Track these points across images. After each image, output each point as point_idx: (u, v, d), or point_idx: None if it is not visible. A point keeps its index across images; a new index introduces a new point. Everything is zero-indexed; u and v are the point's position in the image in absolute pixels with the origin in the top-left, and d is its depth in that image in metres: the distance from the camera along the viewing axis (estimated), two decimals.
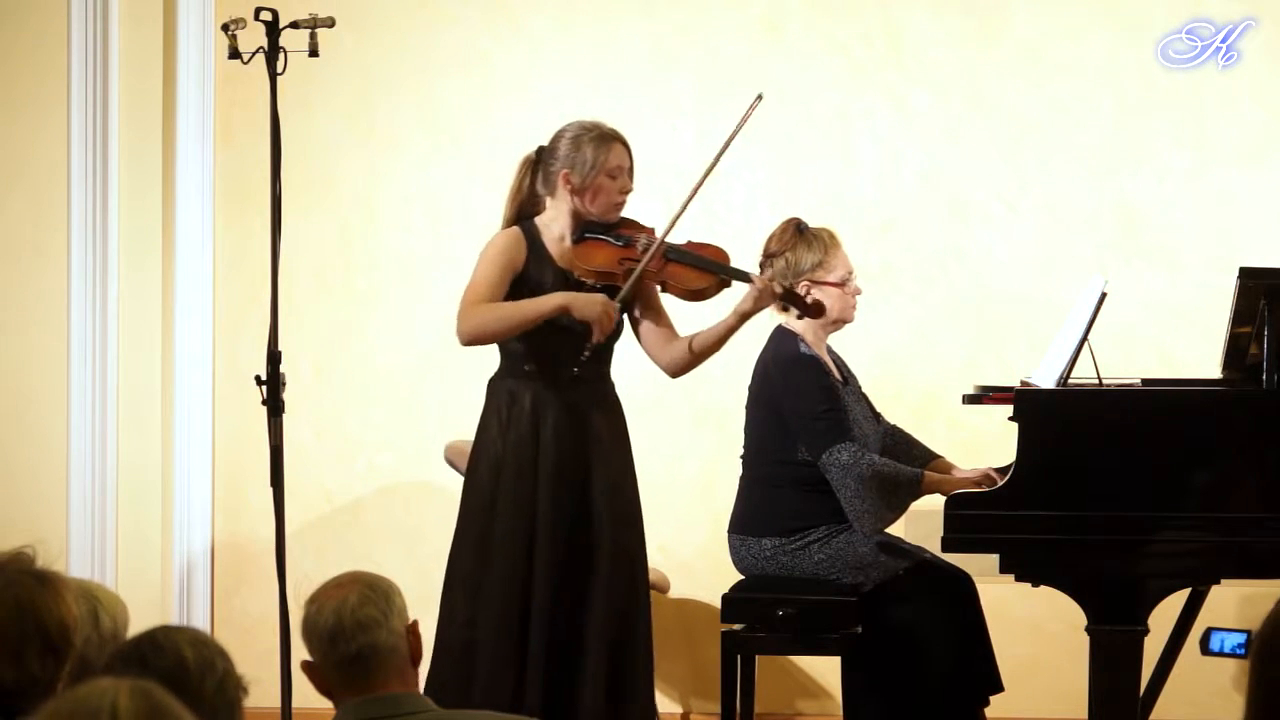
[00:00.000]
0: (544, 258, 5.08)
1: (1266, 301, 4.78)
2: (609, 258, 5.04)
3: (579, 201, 5.07)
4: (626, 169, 5.10)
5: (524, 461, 5.02)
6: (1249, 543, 4.74)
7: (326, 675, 3.24)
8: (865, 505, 5.25)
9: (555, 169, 5.08)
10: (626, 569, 5.09)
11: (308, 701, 3.85)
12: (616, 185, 5.07)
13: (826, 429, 5.31)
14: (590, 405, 5.07)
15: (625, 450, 5.16)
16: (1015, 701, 5.71)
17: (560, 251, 5.08)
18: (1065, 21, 6.50)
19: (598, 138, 5.08)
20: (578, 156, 5.06)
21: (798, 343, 5.45)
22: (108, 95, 6.69)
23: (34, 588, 2.80)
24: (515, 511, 5.02)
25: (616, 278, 5.04)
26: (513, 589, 5.00)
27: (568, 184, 5.06)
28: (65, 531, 6.67)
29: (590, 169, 5.05)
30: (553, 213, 5.12)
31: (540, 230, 5.11)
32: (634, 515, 5.13)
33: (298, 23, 5.29)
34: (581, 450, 5.05)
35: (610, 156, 5.06)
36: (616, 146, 5.09)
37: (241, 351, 6.71)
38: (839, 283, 5.47)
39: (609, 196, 5.07)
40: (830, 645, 5.38)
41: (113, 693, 2.21)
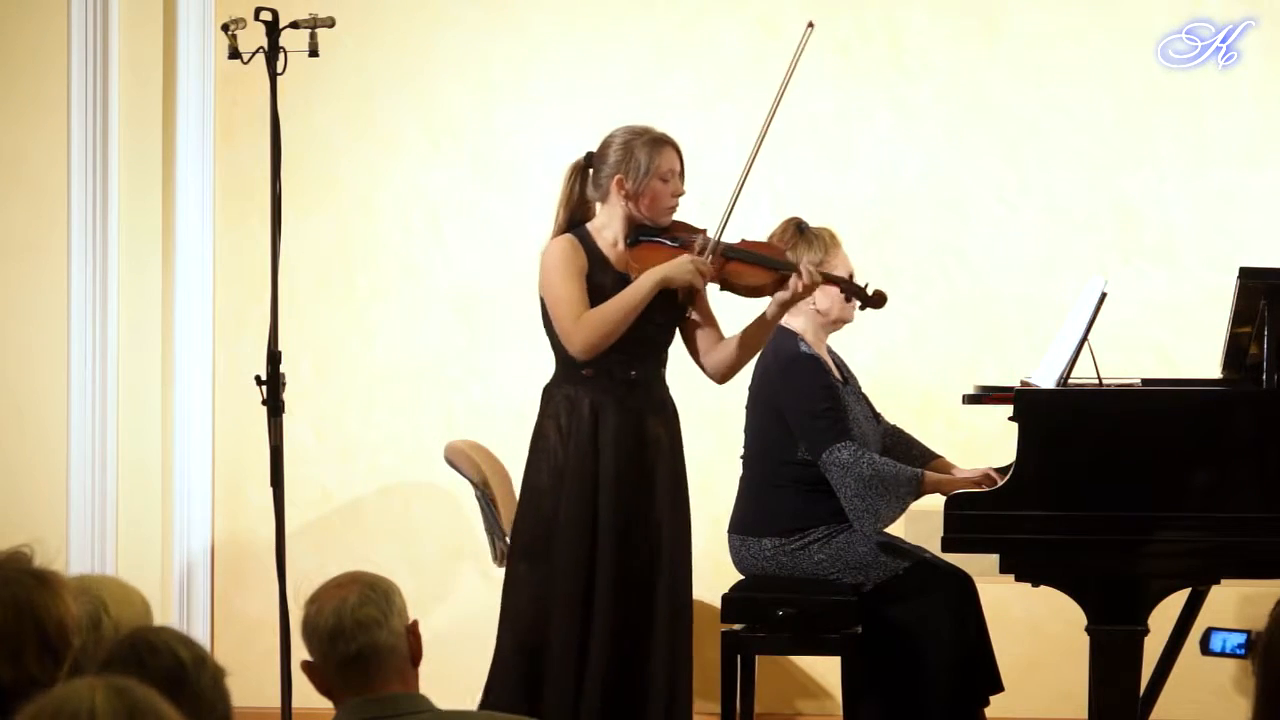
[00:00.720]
0: (602, 262, 5.04)
1: (1266, 301, 4.78)
2: (663, 258, 5.02)
3: (633, 206, 5.03)
4: (678, 172, 5.07)
5: (586, 467, 4.99)
6: (1249, 543, 4.74)
7: (326, 675, 3.24)
8: (865, 504, 5.25)
9: (607, 174, 5.04)
10: (683, 574, 5.09)
11: (308, 701, 3.85)
12: (669, 188, 5.04)
13: (826, 428, 5.31)
14: (647, 408, 5.04)
15: (681, 454, 5.14)
16: (1015, 701, 5.71)
17: (616, 256, 5.05)
18: (1065, 22, 6.50)
19: (650, 142, 5.05)
20: (631, 161, 5.02)
21: (798, 342, 5.45)
22: (108, 95, 6.69)
23: (32, 587, 2.80)
24: (579, 518, 4.98)
25: None
26: (576, 597, 4.97)
27: (621, 189, 5.02)
28: (65, 531, 6.67)
29: (644, 173, 5.02)
30: (605, 218, 5.08)
31: (594, 235, 5.07)
32: (688, 521, 5.14)
33: (298, 23, 5.29)
34: (641, 454, 5.02)
35: (663, 160, 5.04)
36: (668, 150, 5.06)
37: (241, 351, 6.71)
38: None
39: (663, 200, 5.05)
40: (830, 645, 5.38)
41: (90, 693, 2.21)
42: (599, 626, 4.94)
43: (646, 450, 5.02)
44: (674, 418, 5.14)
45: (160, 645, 2.63)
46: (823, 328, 5.50)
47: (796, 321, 5.48)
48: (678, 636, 5.07)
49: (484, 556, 6.22)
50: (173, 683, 2.56)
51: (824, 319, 5.49)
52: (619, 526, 4.98)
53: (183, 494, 6.77)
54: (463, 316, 6.72)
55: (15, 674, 2.75)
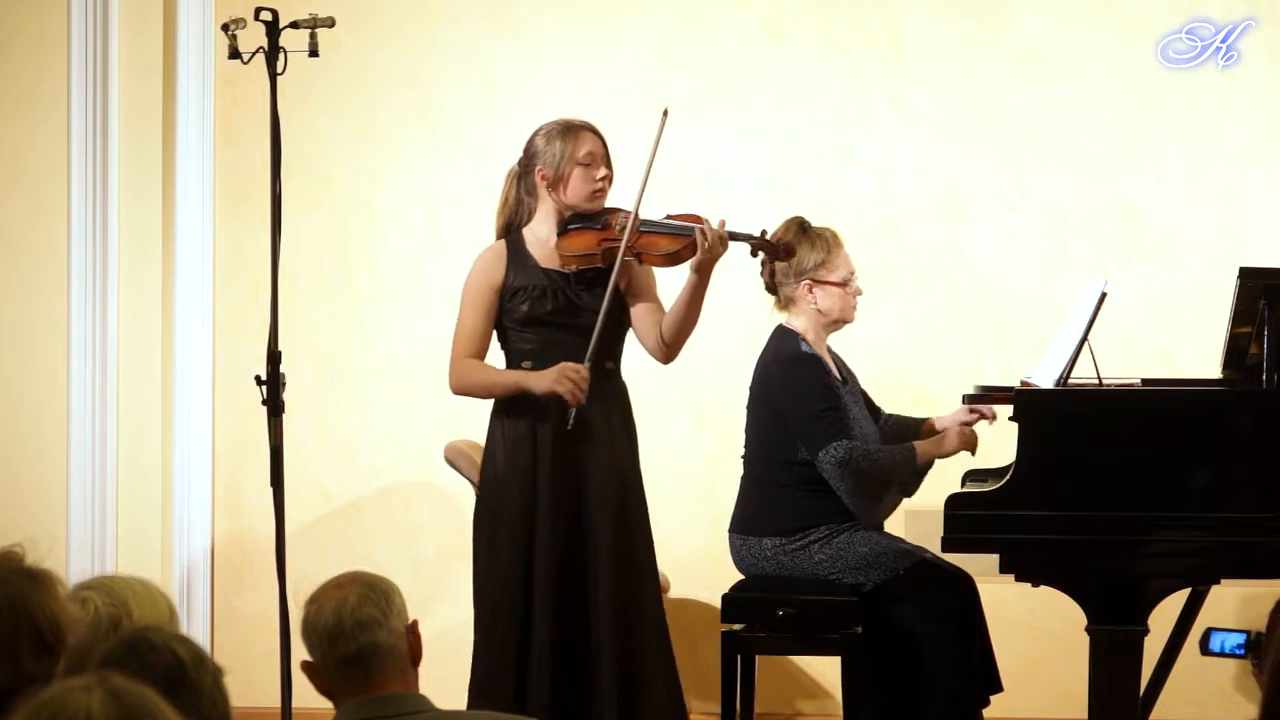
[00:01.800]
0: (527, 264, 5.13)
1: (1266, 301, 4.78)
2: (588, 241, 5.09)
3: (555, 195, 5.12)
4: (600, 155, 5.14)
5: (524, 461, 5.04)
6: (1249, 543, 4.74)
7: (326, 675, 3.24)
8: (865, 497, 5.26)
9: (533, 169, 5.13)
10: (629, 566, 5.08)
11: (308, 701, 3.85)
12: (590, 172, 5.10)
13: (824, 428, 5.31)
14: (590, 400, 5.07)
15: (626, 444, 5.16)
16: (1015, 701, 5.71)
17: (546, 253, 5.12)
18: (1065, 22, 6.50)
19: (564, 128, 5.14)
20: (548, 150, 5.13)
21: (799, 341, 5.45)
22: (108, 95, 6.69)
23: (25, 586, 2.80)
24: (519, 513, 5.04)
25: (597, 259, 5.07)
26: (514, 591, 5.01)
27: (544, 179, 5.11)
28: (65, 531, 6.67)
29: (561, 159, 5.11)
30: (540, 216, 5.18)
31: (525, 237, 5.17)
32: (635, 510, 5.13)
33: (298, 23, 5.29)
34: (578, 448, 5.05)
35: (579, 144, 5.12)
36: (585, 134, 5.14)
37: (241, 351, 6.71)
38: (841, 282, 5.47)
39: (584, 184, 5.11)
40: (830, 645, 5.38)
41: (86, 694, 2.20)
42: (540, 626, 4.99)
43: (585, 445, 5.05)
44: (622, 408, 5.17)
45: (159, 644, 2.63)
46: (824, 328, 5.50)
47: (798, 322, 5.48)
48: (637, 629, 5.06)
49: None
50: (172, 682, 2.56)
51: (825, 319, 5.48)
52: (554, 521, 5.03)
53: (183, 494, 6.77)
54: None
55: (11, 672, 2.75)
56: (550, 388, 4.99)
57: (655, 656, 5.12)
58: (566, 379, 4.96)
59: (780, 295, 5.51)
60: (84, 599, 3.10)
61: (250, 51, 5.27)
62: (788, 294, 5.48)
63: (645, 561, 5.14)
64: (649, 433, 6.59)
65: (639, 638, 5.08)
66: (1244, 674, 6.21)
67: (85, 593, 3.11)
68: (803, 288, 5.44)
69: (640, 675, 5.07)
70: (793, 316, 5.49)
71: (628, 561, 5.08)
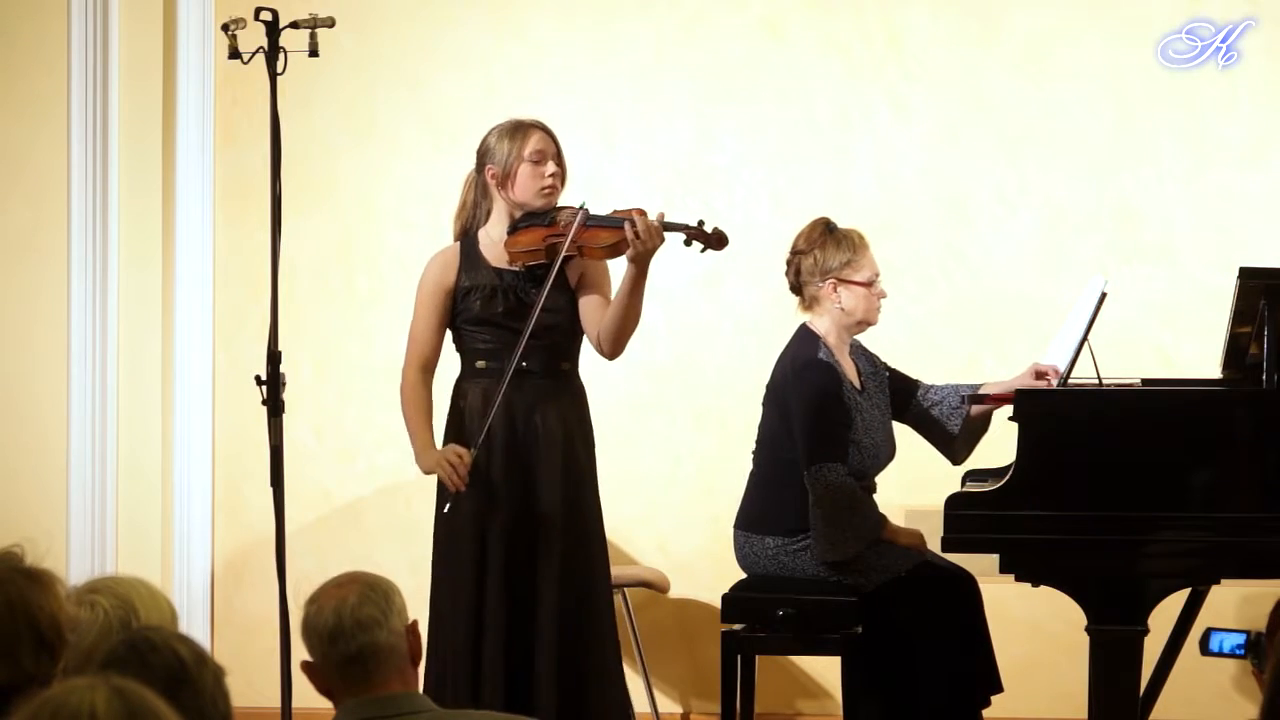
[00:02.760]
0: (477, 264, 5.17)
1: (1266, 301, 4.78)
2: (534, 238, 5.11)
3: (504, 193, 5.15)
4: (550, 154, 5.16)
5: (477, 461, 5.04)
6: (1249, 543, 4.74)
7: (326, 675, 3.24)
8: (830, 530, 5.27)
9: (484, 169, 5.16)
10: (579, 566, 5.07)
11: (308, 701, 3.85)
12: (539, 169, 5.12)
13: (823, 444, 5.31)
14: (539, 399, 5.08)
15: (581, 444, 5.14)
16: (1015, 701, 5.71)
17: (497, 253, 5.15)
18: (1065, 22, 6.50)
19: (512, 128, 5.18)
20: (497, 149, 5.16)
21: (818, 346, 5.44)
22: (108, 95, 6.69)
23: (24, 585, 2.81)
24: (470, 513, 5.05)
25: (541, 254, 5.08)
26: (467, 593, 5.03)
27: (494, 178, 5.15)
28: (65, 531, 6.67)
29: (508, 157, 5.14)
30: (494, 217, 5.22)
31: (479, 238, 5.20)
32: (584, 509, 5.11)
33: (298, 23, 5.28)
34: (525, 448, 5.06)
35: (527, 143, 5.14)
36: (533, 133, 5.16)
37: (241, 351, 6.70)
38: (866, 283, 5.48)
39: (532, 181, 5.13)
40: (830, 645, 5.38)
41: (90, 693, 2.21)
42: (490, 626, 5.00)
43: (533, 445, 5.05)
44: (576, 408, 5.16)
45: (160, 643, 2.63)
46: (846, 329, 5.51)
47: (821, 322, 5.48)
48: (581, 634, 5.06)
49: None
50: (173, 681, 2.56)
51: (849, 319, 5.49)
52: (503, 521, 5.04)
53: (183, 494, 6.77)
54: None
55: (11, 672, 2.75)
56: (430, 469, 5.07)
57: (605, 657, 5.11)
58: (447, 463, 5.00)
59: (805, 295, 5.52)
60: (91, 603, 3.10)
61: (250, 51, 5.26)
62: (812, 293, 5.49)
63: (597, 565, 5.13)
64: (649, 434, 6.61)
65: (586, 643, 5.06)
66: (1244, 674, 6.21)
67: (91, 596, 3.11)
68: (827, 287, 5.46)
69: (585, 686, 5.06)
70: (816, 317, 5.50)
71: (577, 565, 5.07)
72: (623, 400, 6.49)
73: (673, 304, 6.57)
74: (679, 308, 6.60)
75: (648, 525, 6.61)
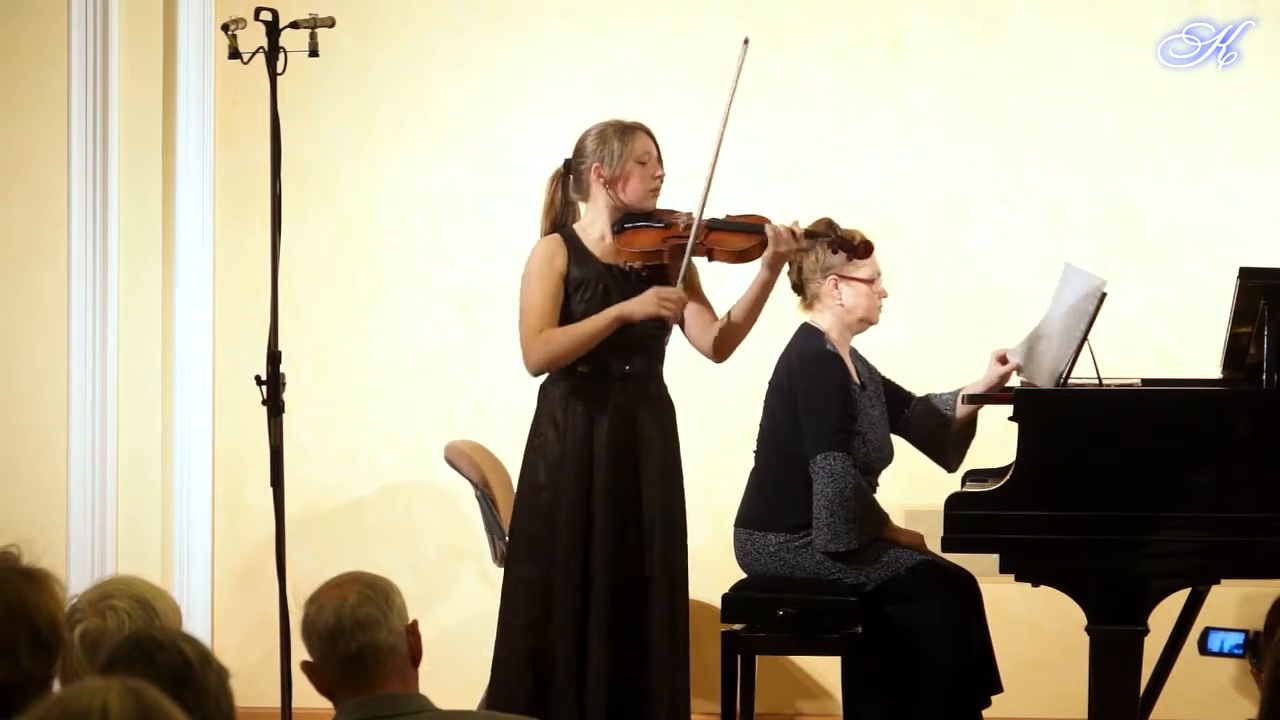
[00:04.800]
0: (586, 257, 5.11)
1: (1266, 301, 4.78)
2: (652, 239, 5.08)
3: (613, 193, 5.11)
4: (655, 155, 5.16)
5: (582, 464, 5.02)
6: (1249, 543, 4.74)
7: (326, 675, 3.24)
8: (832, 520, 5.27)
9: (586, 167, 5.12)
10: (672, 572, 5.09)
11: (308, 701, 3.85)
12: (647, 171, 5.11)
13: (830, 432, 5.32)
14: (641, 404, 5.08)
15: (675, 451, 5.17)
16: (1015, 701, 5.71)
17: (603, 249, 5.11)
18: (1065, 22, 6.50)
19: (621, 128, 5.14)
20: (605, 149, 5.11)
21: (824, 340, 5.46)
22: (108, 95, 6.69)
23: (22, 585, 2.81)
24: (576, 514, 5.01)
25: (663, 255, 5.07)
26: (574, 592, 5.00)
27: (600, 177, 5.10)
28: (65, 531, 6.67)
29: (619, 158, 5.10)
30: (590, 215, 5.16)
31: (579, 233, 5.15)
32: (679, 518, 5.14)
33: (298, 23, 5.29)
34: (633, 452, 5.05)
35: (636, 144, 5.12)
36: (641, 134, 5.15)
37: (241, 351, 6.70)
38: (867, 280, 5.50)
39: (642, 183, 5.12)
40: (830, 645, 5.39)
41: (103, 693, 2.21)
42: (595, 627, 4.96)
43: (639, 450, 5.06)
44: (669, 413, 5.17)
45: (166, 642, 2.64)
46: (848, 327, 5.52)
47: (823, 319, 5.50)
48: (677, 638, 5.08)
49: (484, 556, 6.22)
50: (178, 680, 2.57)
51: (850, 317, 5.50)
52: (613, 525, 5.01)
53: (183, 494, 6.77)
54: (463, 316, 6.72)
55: (10, 671, 2.76)
56: (652, 310, 4.97)
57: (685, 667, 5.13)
58: (666, 299, 4.97)
59: (806, 293, 5.54)
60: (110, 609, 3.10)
61: (250, 51, 5.27)
62: (814, 291, 5.51)
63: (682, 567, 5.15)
64: None
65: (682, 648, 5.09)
66: (1243, 674, 6.21)
67: (108, 603, 3.11)
68: (829, 284, 5.47)
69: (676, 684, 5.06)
70: (817, 314, 5.52)
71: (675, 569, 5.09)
72: None
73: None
74: None
75: None
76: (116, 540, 6.70)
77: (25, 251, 6.74)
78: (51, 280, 6.72)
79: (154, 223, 6.70)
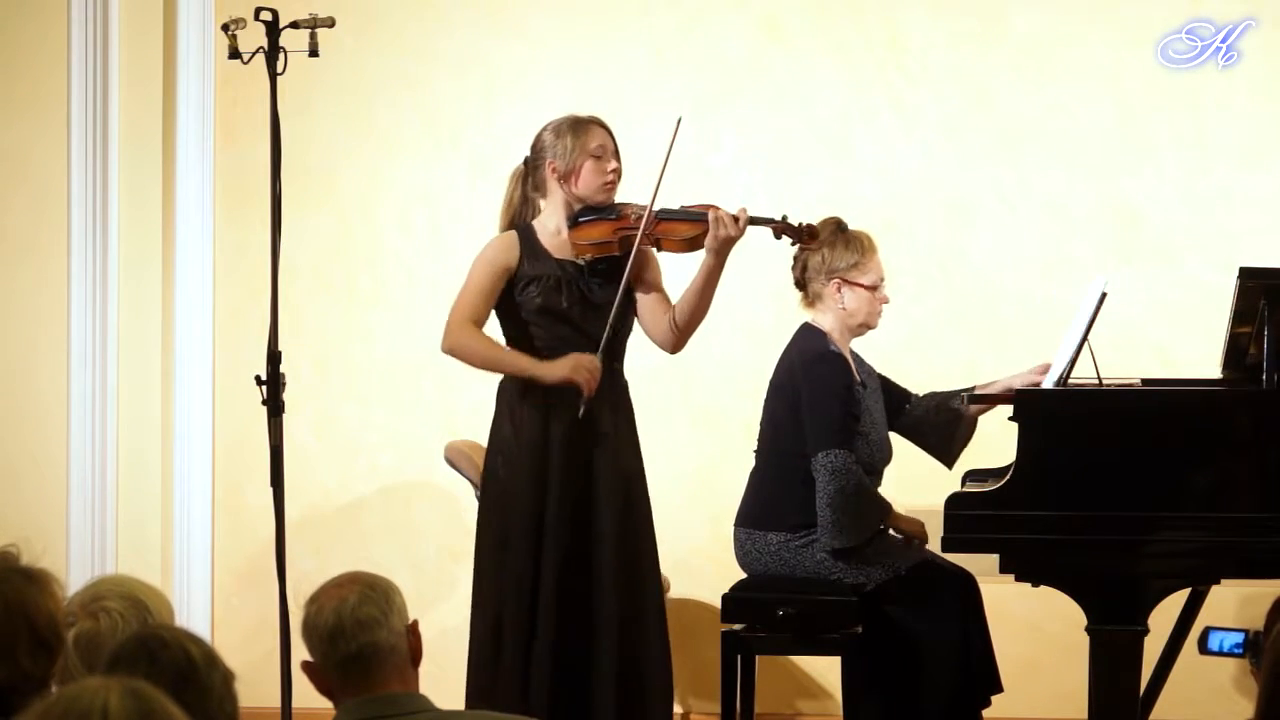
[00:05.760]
0: (540, 253, 5.15)
1: (1266, 301, 4.78)
2: (604, 231, 5.12)
3: (566, 187, 5.16)
4: (610, 149, 5.18)
5: (537, 461, 5.05)
6: (1249, 543, 4.74)
7: (326, 675, 3.24)
8: (836, 517, 5.28)
9: (542, 163, 5.17)
10: (633, 568, 5.09)
11: (308, 701, 3.85)
12: (601, 164, 5.13)
13: (832, 430, 5.33)
14: (599, 401, 5.08)
15: (633, 446, 5.18)
16: (1015, 701, 5.71)
17: (558, 244, 5.15)
18: (1065, 22, 6.50)
19: (574, 123, 5.19)
20: (559, 144, 5.16)
21: (825, 340, 5.47)
22: (108, 95, 6.69)
23: (21, 585, 2.81)
24: (529, 512, 5.06)
25: (613, 247, 5.10)
26: (523, 589, 5.03)
27: (554, 172, 5.15)
28: (65, 531, 6.67)
29: (572, 152, 5.14)
30: (548, 210, 5.21)
31: (536, 230, 5.20)
32: (640, 510, 5.15)
33: (298, 23, 5.29)
34: (587, 448, 5.08)
35: (590, 138, 5.16)
36: (594, 128, 5.18)
37: (241, 351, 6.70)
38: (870, 286, 5.50)
39: (595, 176, 5.15)
40: (830, 645, 5.39)
41: (104, 693, 2.21)
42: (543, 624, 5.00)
43: (594, 446, 5.07)
44: (627, 409, 5.20)
45: (171, 641, 2.64)
46: (849, 330, 5.53)
47: (824, 320, 5.52)
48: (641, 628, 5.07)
49: None
50: (181, 680, 2.57)
51: (850, 320, 5.51)
52: (561, 520, 5.05)
53: (183, 494, 6.77)
54: None
55: (9, 671, 2.76)
56: (566, 376, 5.01)
57: (655, 662, 5.12)
58: (584, 369, 4.99)
59: (809, 291, 5.54)
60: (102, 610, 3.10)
61: (250, 51, 5.27)
62: (816, 290, 5.52)
63: (649, 566, 5.16)
64: (649, 433, 6.59)
65: (640, 643, 5.09)
66: (1243, 673, 6.21)
67: (99, 604, 3.11)
68: (832, 286, 5.48)
69: (640, 681, 5.08)
70: (819, 314, 5.52)
71: (632, 566, 5.10)
72: None
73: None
74: None
75: None
76: (116, 540, 6.70)
77: (25, 251, 6.74)
78: (51, 280, 6.72)
79: (154, 222, 6.70)
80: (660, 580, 5.28)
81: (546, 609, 5.02)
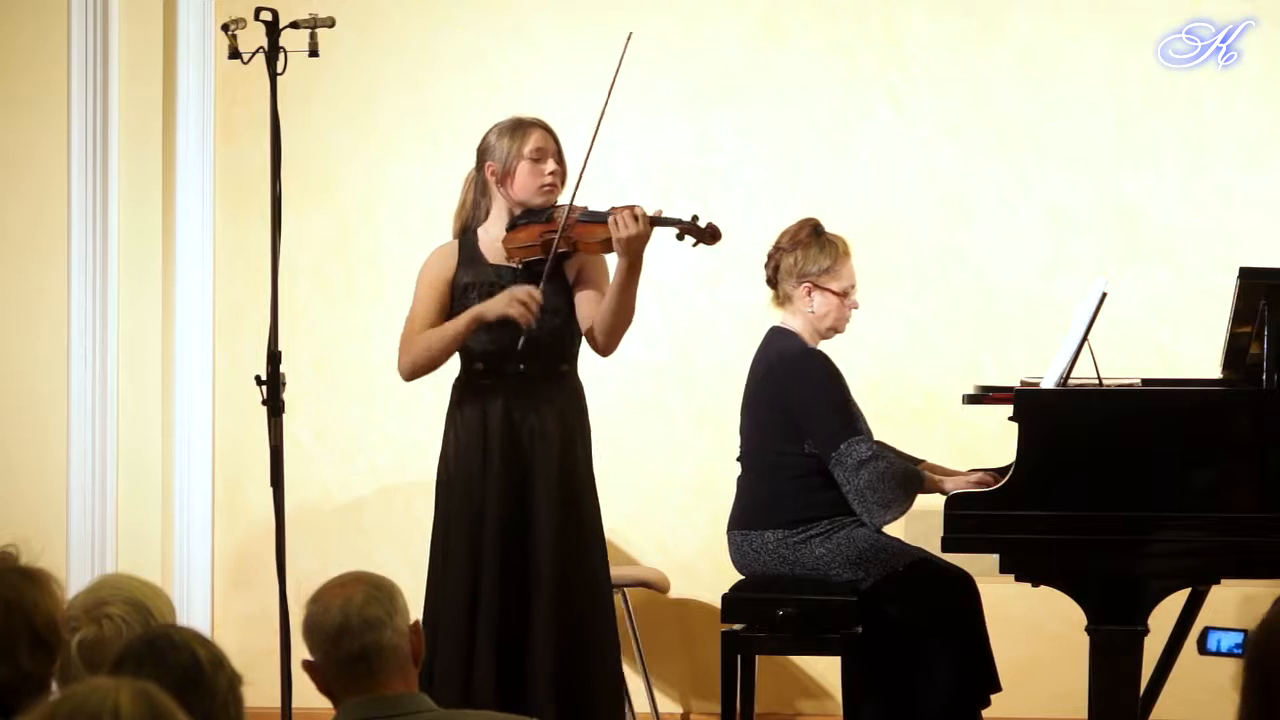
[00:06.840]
0: (476, 260, 5.18)
1: (1266, 301, 4.78)
2: (531, 234, 5.14)
3: (504, 190, 5.16)
4: (550, 152, 5.18)
5: (474, 463, 5.06)
6: (1249, 543, 4.74)
7: (329, 674, 3.24)
8: (877, 497, 5.26)
9: (484, 166, 5.19)
10: (579, 568, 5.07)
11: (308, 701, 3.85)
12: (539, 167, 5.13)
13: (844, 423, 5.32)
14: (539, 400, 5.09)
15: (579, 447, 5.15)
16: (1015, 701, 5.72)
17: (496, 249, 5.17)
18: (1065, 22, 6.50)
19: (513, 126, 5.20)
20: (497, 147, 5.18)
21: (799, 340, 5.47)
22: (108, 95, 6.69)
23: (20, 585, 2.81)
24: (466, 516, 5.07)
25: (537, 250, 5.10)
26: (461, 592, 5.03)
27: (493, 175, 5.17)
28: (65, 531, 6.67)
29: (508, 155, 5.15)
30: (493, 214, 5.24)
31: (478, 235, 5.22)
32: (583, 511, 5.12)
33: (298, 23, 5.28)
34: (523, 448, 5.07)
35: (527, 140, 5.16)
36: (533, 131, 5.18)
37: (241, 351, 6.71)
38: (840, 292, 5.49)
39: (532, 179, 5.15)
40: (830, 645, 5.38)
41: (114, 693, 2.21)
42: (483, 626, 4.99)
43: (532, 445, 5.06)
44: (575, 409, 5.16)
45: (180, 642, 2.64)
46: (817, 333, 5.52)
47: (794, 322, 5.51)
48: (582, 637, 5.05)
49: None
50: (187, 681, 2.57)
51: (819, 324, 5.50)
52: (499, 521, 5.04)
53: (183, 494, 6.77)
54: None
55: (9, 670, 2.76)
56: (503, 311, 5.01)
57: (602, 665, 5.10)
58: (518, 301, 4.99)
59: (779, 291, 5.53)
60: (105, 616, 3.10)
61: (250, 52, 5.26)
62: (786, 291, 5.51)
63: (597, 566, 5.13)
64: (648, 433, 6.61)
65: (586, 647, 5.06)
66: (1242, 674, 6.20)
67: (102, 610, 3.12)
68: (802, 289, 5.47)
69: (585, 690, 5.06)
70: (788, 316, 5.52)
71: (576, 566, 5.07)
72: (621, 400, 6.49)
73: (671, 303, 6.57)
74: (678, 307, 6.60)
75: (647, 525, 6.61)
76: (116, 540, 6.70)
77: (25, 251, 6.74)
78: (51, 280, 6.72)
79: (154, 222, 6.70)
80: (610, 587, 5.22)
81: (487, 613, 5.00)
